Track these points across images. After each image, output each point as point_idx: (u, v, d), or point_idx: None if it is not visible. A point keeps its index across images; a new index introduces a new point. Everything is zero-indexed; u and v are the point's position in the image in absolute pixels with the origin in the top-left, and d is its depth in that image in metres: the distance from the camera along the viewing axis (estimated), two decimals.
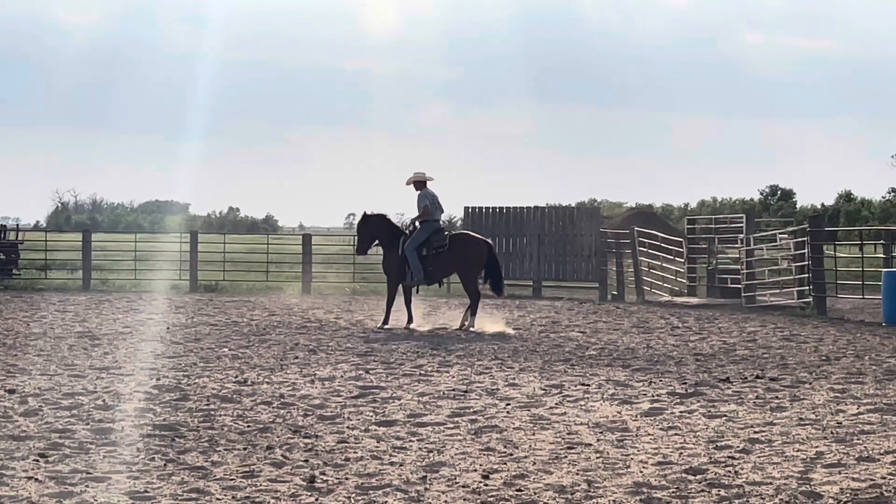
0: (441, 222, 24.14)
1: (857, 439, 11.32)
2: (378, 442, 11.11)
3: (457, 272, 23.88)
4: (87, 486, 9.07)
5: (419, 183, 23.70)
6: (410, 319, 23.28)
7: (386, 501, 8.73)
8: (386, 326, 23.11)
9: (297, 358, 17.77)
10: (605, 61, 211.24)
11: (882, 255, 29.44)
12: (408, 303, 23.59)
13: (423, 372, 16.22)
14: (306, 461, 10.18)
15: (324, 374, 15.85)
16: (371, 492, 9.05)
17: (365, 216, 24.20)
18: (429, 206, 23.52)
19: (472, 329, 22.54)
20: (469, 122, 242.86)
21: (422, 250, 23.34)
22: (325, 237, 57.09)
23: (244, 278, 37.97)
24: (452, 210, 75.05)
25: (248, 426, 11.85)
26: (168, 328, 22.69)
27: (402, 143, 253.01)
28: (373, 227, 24.12)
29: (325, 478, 9.52)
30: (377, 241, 24.05)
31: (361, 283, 37.83)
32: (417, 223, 23.64)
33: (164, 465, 9.97)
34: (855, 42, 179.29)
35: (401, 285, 23.71)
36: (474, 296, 23.27)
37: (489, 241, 24.68)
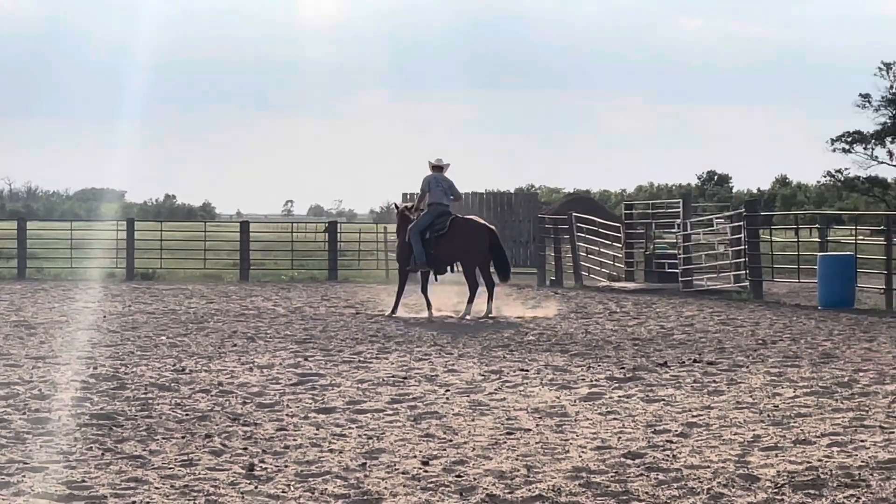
0: (448, 207, 23.76)
1: (794, 422, 11.41)
2: (317, 429, 11.08)
3: (458, 260, 23.63)
4: (23, 476, 8.98)
5: (435, 167, 23.62)
6: (429, 306, 23.13)
7: (325, 489, 8.71)
8: (395, 315, 22.97)
9: (235, 346, 17.70)
10: (543, 47, 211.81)
11: (817, 240, 29.76)
12: (423, 290, 23.46)
13: (362, 359, 16.20)
14: (245, 449, 10.14)
15: (262, 362, 15.80)
16: (310, 479, 9.03)
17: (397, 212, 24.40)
18: (428, 189, 23.39)
19: (467, 317, 22.56)
20: (406, 108, 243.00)
21: (425, 234, 23.24)
22: (263, 224, 56.93)
23: (181, 266, 37.78)
24: (391, 196, 75.00)
25: (187, 415, 11.79)
26: (105, 317, 22.54)
27: (340, 130, 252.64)
28: (399, 220, 24.26)
29: (264, 465, 9.49)
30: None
31: (300, 270, 37.78)
32: (424, 207, 23.50)
33: (102, 454, 9.90)
34: (791, 28, 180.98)
35: (419, 273, 23.72)
36: (472, 286, 23.22)
37: (492, 227, 24.41)
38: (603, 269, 34.26)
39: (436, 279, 24.02)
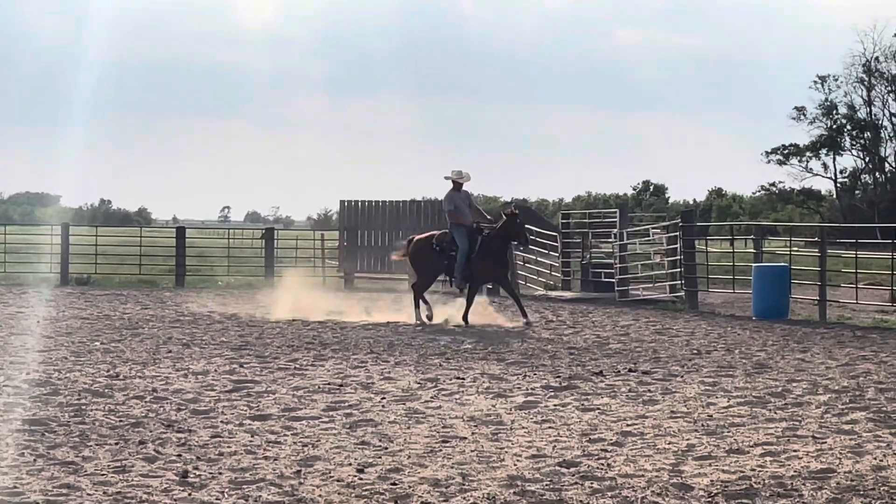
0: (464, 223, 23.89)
1: (728, 432, 11.48)
2: (252, 436, 11.04)
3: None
4: None
5: (456, 182, 24.01)
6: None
7: (260, 496, 8.68)
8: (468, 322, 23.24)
9: (170, 352, 17.60)
10: (483, 56, 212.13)
11: (752, 250, 29.89)
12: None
13: (298, 366, 16.15)
14: (179, 456, 10.08)
15: (197, 368, 15.72)
16: (245, 486, 8.99)
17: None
18: (453, 207, 23.80)
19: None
20: (345, 115, 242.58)
21: (471, 254, 23.62)
22: (200, 230, 56.65)
23: (116, 271, 37.54)
24: (328, 203, 75.05)
25: (120, 421, 11.71)
26: (38, 322, 22.35)
27: (278, 137, 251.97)
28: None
29: (198, 472, 9.44)
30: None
31: (236, 276, 37.62)
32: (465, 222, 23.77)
33: (34, 460, 9.81)
34: (727, 39, 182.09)
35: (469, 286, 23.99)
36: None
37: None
38: (539, 278, 34.35)
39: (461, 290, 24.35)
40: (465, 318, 23.26)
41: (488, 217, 24.59)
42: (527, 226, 26.18)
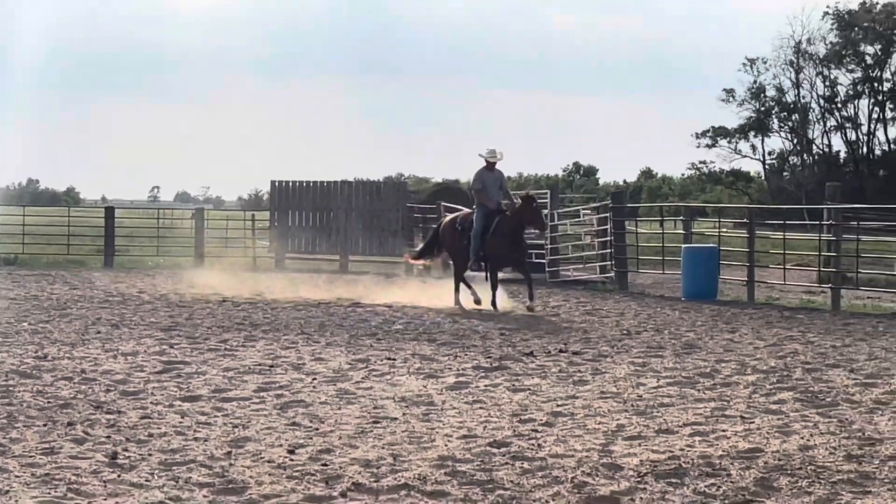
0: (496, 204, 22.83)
1: (657, 412, 11.56)
2: (182, 417, 10.98)
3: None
4: None
5: (489, 162, 23.05)
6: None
7: (190, 477, 8.64)
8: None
9: (99, 333, 17.47)
10: (416, 38, 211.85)
11: (682, 231, 30.08)
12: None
13: (228, 347, 16.08)
14: (108, 437, 10.01)
15: (127, 349, 15.61)
16: (175, 467, 8.94)
17: None
18: (481, 187, 22.94)
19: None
20: (276, 95, 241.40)
21: (486, 234, 22.65)
22: (129, 210, 56.23)
23: (44, 251, 37.18)
24: (259, 184, 74.74)
25: (49, 402, 11.61)
26: None
27: (208, 117, 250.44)
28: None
29: (127, 454, 9.38)
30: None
31: (165, 256, 37.38)
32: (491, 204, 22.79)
33: None
34: (658, 22, 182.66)
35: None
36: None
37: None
38: None
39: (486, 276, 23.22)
40: (493, 303, 22.25)
41: (516, 201, 23.11)
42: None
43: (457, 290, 23.12)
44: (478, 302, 22.30)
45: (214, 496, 8.17)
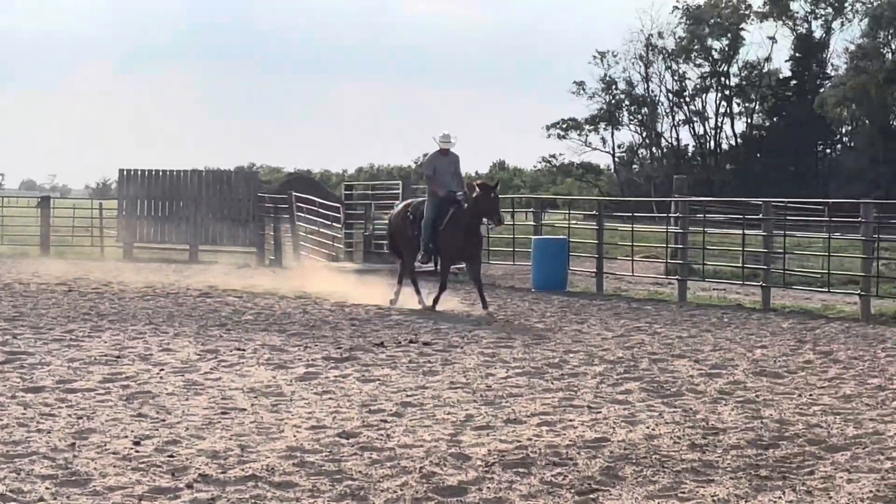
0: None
1: (506, 402, 11.63)
2: (25, 409, 10.77)
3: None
4: None
5: (442, 147, 21.29)
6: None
7: (32, 469, 8.48)
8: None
9: None
10: (269, 26, 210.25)
11: (532, 223, 30.29)
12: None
13: (73, 337, 15.83)
14: None
15: None
16: (17, 459, 8.77)
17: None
18: (432, 174, 21.18)
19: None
20: (126, 82, 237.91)
21: (437, 225, 20.87)
22: None
23: None
24: (107, 173, 73.70)
25: None
26: None
27: (55, 104, 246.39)
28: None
29: None
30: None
31: (10, 245, 36.72)
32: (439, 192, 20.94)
33: None
34: (511, 13, 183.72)
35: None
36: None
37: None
38: (322, 249, 34.29)
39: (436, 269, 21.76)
40: (434, 300, 20.87)
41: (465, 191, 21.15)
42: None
43: (399, 283, 21.80)
44: (393, 302, 21.16)
45: (57, 488, 8.03)
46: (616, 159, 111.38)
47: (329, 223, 35.45)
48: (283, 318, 18.86)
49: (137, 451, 9.13)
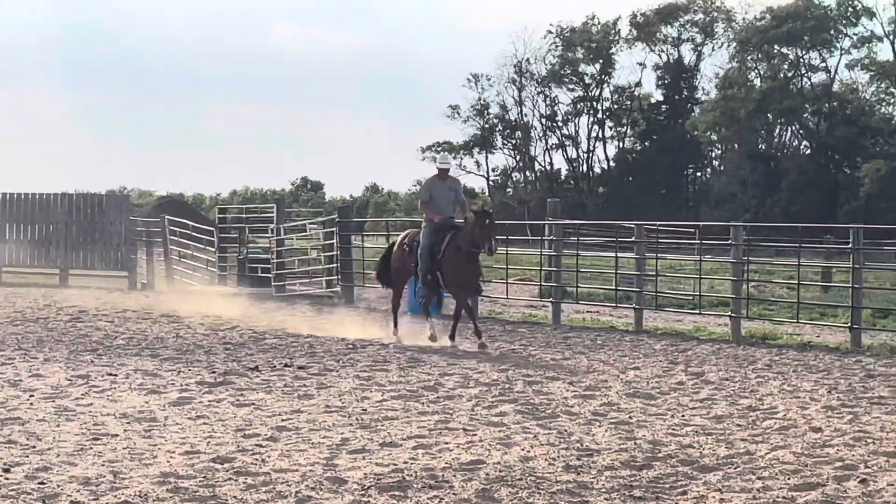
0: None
1: (381, 425, 11.61)
2: None
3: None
4: None
5: (439, 169, 20.64)
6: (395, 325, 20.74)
7: None
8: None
9: None
10: (136, 47, 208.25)
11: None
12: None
13: None
14: None
15: None
16: None
17: None
18: (428, 199, 20.20)
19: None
20: None
21: (435, 252, 19.77)
22: None
23: None
24: None
25: None
26: None
27: None
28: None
29: None
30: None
31: None
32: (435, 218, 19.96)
33: None
34: (385, 37, 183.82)
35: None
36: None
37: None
38: (196, 273, 34.04)
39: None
40: (451, 336, 19.61)
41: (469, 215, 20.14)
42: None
43: (395, 323, 20.86)
44: (397, 336, 20.13)
45: None
46: (490, 182, 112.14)
47: (203, 247, 35.21)
48: (156, 342, 18.66)
49: (7, 479, 8.98)
